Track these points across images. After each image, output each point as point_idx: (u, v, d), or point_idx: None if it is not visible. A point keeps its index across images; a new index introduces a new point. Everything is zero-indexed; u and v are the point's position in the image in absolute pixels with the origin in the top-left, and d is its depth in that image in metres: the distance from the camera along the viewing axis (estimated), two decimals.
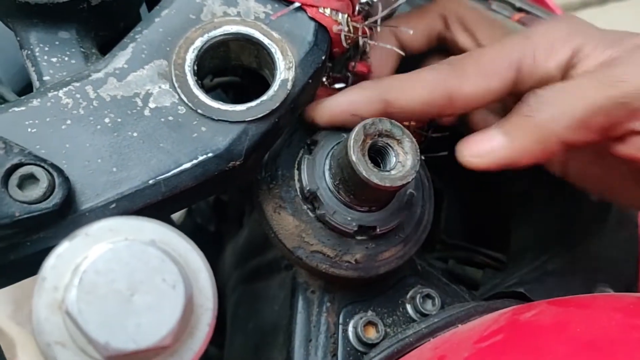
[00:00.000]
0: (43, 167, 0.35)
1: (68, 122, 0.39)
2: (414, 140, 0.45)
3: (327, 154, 0.48)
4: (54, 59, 0.42)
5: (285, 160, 0.49)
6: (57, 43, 0.43)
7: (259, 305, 0.61)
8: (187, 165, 0.40)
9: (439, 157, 0.58)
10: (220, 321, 0.33)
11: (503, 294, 0.56)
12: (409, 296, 0.52)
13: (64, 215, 0.37)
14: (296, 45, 0.44)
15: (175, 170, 0.40)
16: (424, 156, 0.54)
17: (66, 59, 0.43)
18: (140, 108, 0.41)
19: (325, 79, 0.53)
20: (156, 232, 0.31)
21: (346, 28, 0.45)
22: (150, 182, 0.39)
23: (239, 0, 0.44)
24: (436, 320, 0.49)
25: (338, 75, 0.53)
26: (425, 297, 0.52)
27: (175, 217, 0.89)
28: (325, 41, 0.45)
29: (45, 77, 0.42)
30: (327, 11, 0.44)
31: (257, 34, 0.43)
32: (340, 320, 0.50)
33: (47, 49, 0.43)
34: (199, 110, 0.41)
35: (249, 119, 0.41)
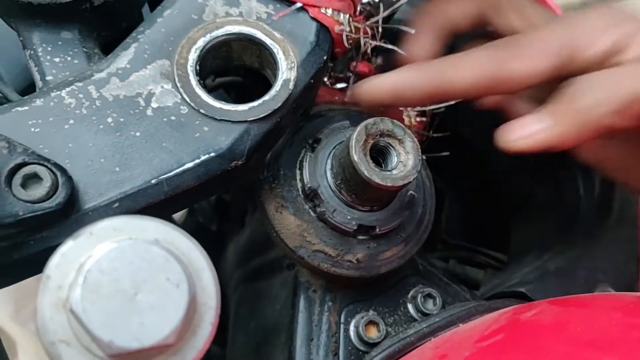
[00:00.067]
0: (46, 166, 0.36)
1: (71, 121, 0.39)
2: (415, 140, 0.45)
3: (329, 153, 0.48)
4: (56, 59, 0.43)
5: (287, 160, 0.49)
6: (59, 43, 0.43)
7: (260, 305, 0.61)
8: (190, 164, 0.40)
9: (440, 157, 0.58)
10: (222, 320, 0.33)
11: (504, 294, 0.56)
12: (410, 296, 0.53)
13: (67, 215, 0.37)
14: (298, 45, 0.44)
15: (177, 170, 0.40)
16: (425, 156, 0.54)
17: (69, 59, 0.43)
18: (142, 108, 0.41)
19: (327, 79, 0.54)
20: (160, 231, 0.31)
21: (348, 28, 0.46)
22: (152, 181, 0.39)
23: (241, 1, 0.44)
24: (437, 319, 0.49)
25: (340, 75, 0.53)
26: (427, 297, 0.52)
27: (177, 217, 0.89)
28: (327, 41, 0.45)
29: (48, 77, 0.42)
30: (329, 11, 0.44)
31: (259, 34, 0.43)
32: (342, 319, 0.50)
33: (49, 49, 0.43)
34: (202, 110, 0.41)
35: (251, 118, 0.42)
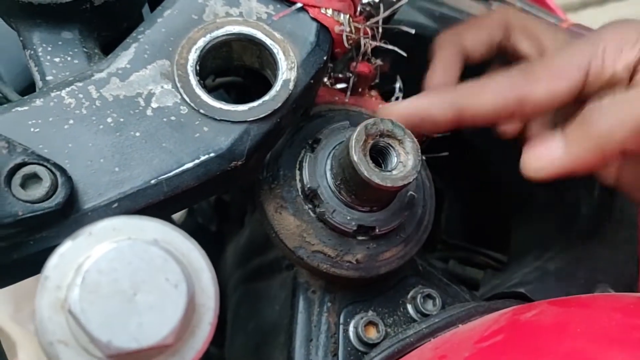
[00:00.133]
0: (46, 166, 0.36)
1: (71, 121, 0.39)
2: (415, 140, 0.45)
3: (329, 154, 0.48)
4: (56, 59, 0.43)
5: (287, 160, 0.49)
6: (60, 43, 0.43)
7: (260, 305, 0.61)
8: (189, 165, 0.40)
9: (440, 158, 0.58)
10: (221, 320, 0.33)
11: (504, 294, 0.56)
12: (409, 296, 0.53)
13: (67, 215, 0.37)
14: (298, 45, 0.44)
15: (177, 170, 0.40)
16: (425, 156, 0.54)
17: (69, 59, 0.43)
18: (142, 108, 0.41)
19: (327, 79, 0.54)
20: (159, 232, 0.31)
21: (348, 29, 0.46)
22: (152, 181, 0.39)
23: (241, 1, 0.44)
24: (437, 320, 0.49)
25: (340, 76, 0.53)
26: (426, 297, 0.52)
27: (176, 217, 0.89)
28: (327, 42, 0.45)
29: (48, 77, 0.42)
30: (329, 12, 0.44)
31: (259, 35, 0.43)
32: (341, 320, 0.50)
33: (50, 49, 0.43)
34: (201, 110, 0.41)
35: (251, 119, 0.41)
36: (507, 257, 0.72)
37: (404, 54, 0.53)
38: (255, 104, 0.42)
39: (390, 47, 0.51)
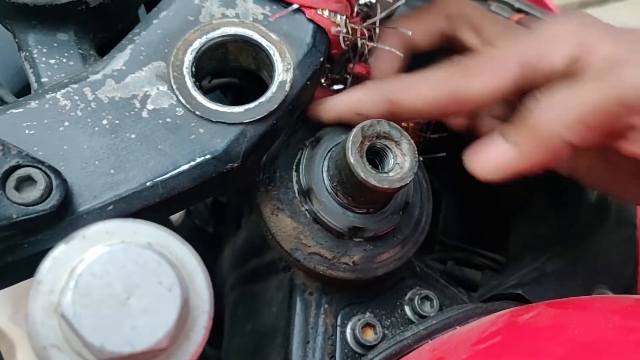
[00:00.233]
0: (40, 169, 0.35)
1: (66, 123, 0.39)
2: (412, 141, 0.45)
3: (326, 155, 0.48)
4: (52, 61, 0.42)
5: (284, 162, 0.49)
6: (55, 45, 0.43)
7: (257, 307, 0.60)
8: (185, 167, 0.40)
9: (437, 158, 0.58)
10: (218, 322, 0.33)
11: (501, 296, 0.56)
12: (407, 298, 0.52)
13: (62, 217, 0.37)
14: (294, 46, 0.44)
15: (173, 172, 0.40)
16: (422, 157, 0.54)
17: (64, 60, 0.43)
18: (138, 110, 0.40)
19: (324, 81, 0.53)
20: (152, 235, 0.31)
21: (344, 30, 0.45)
22: (147, 184, 0.39)
23: (238, 2, 0.44)
24: (434, 322, 0.49)
25: (336, 77, 0.53)
26: (424, 299, 0.52)
27: (174, 219, 0.89)
28: (324, 43, 0.45)
29: (44, 79, 0.42)
30: (326, 13, 0.44)
31: (255, 36, 0.43)
32: (338, 322, 0.50)
33: (45, 50, 0.42)
34: (197, 112, 0.41)
35: (247, 120, 0.41)
36: (505, 258, 0.72)
37: (401, 55, 0.53)
38: (251, 105, 0.42)
39: (387, 48, 0.51)
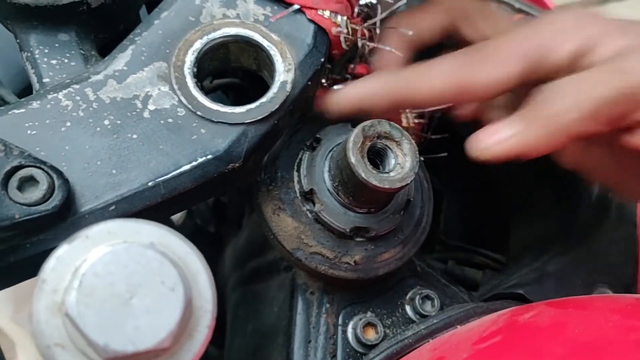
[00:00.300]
0: (43, 169, 0.36)
1: (68, 124, 0.39)
2: (412, 141, 0.45)
3: (327, 155, 0.48)
4: (53, 61, 0.42)
5: (285, 162, 0.49)
6: (56, 45, 0.43)
7: (258, 307, 0.61)
8: (187, 167, 0.40)
9: (438, 158, 0.58)
10: (220, 321, 0.33)
11: (502, 295, 0.56)
12: (408, 297, 0.53)
13: (64, 218, 0.37)
14: (295, 47, 0.44)
15: (174, 172, 0.40)
16: (423, 157, 0.54)
17: (66, 61, 0.43)
18: (139, 110, 0.41)
19: (325, 81, 0.53)
20: (155, 235, 0.31)
21: (345, 30, 0.45)
22: (149, 184, 0.39)
23: (238, 2, 0.44)
24: (435, 321, 0.49)
25: (337, 77, 0.53)
26: (425, 298, 0.52)
27: (175, 219, 0.89)
28: (325, 43, 0.45)
29: (45, 79, 0.42)
30: (327, 13, 0.44)
31: (256, 36, 0.43)
32: (340, 321, 0.50)
33: (46, 51, 0.43)
34: (199, 112, 0.41)
35: (248, 120, 0.41)
36: (506, 258, 0.72)
37: (401, 55, 0.53)
38: (252, 105, 0.42)
39: (387, 48, 0.51)
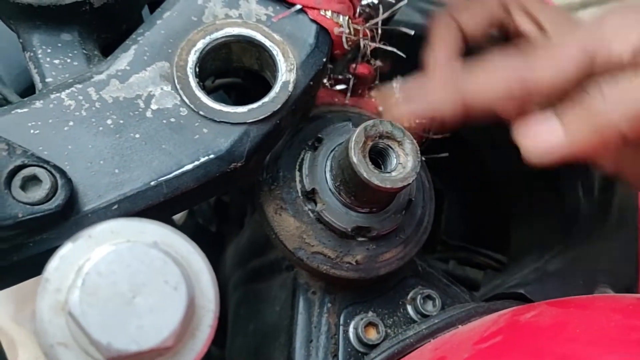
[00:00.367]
0: (46, 168, 0.36)
1: (70, 123, 0.39)
2: (414, 141, 0.45)
3: (328, 155, 0.48)
4: (56, 61, 0.43)
5: (287, 161, 0.49)
6: (59, 45, 0.43)
7: (260, 306, 0.61)
8: (189, 166, 0.40)
9: (439, 159, 0.58)
10: (222, 321, 0.33)
11: (503, 295, 0.56)
12: (409, 297, 0.53)
13: (67, 217, 0.37)
14: (297, 47, 0.44)
15: (177, 172, 0.40)
16: (424, 157, 0.54)
17: (69, 60, 0.43)
18: (142, 110, 0.41)
19: (327, 81, 0.54)
20: (158, 234, 0.31)
21: (347, 30, 0.46)
22: (152, 183, 0.39)
23: (241, 2, 0.44)
24: (436, 321, 0.49)
25: (339, 77, 0.53)
26: (426, 298, 0.52)
27: (177, 218, 0.89)
28: (327, 43, 0.45)
29: (48, 79, 0.42)
30: (329, 13, 0.44)
31: (258, 36, 0.43)
32: (341, 321, 0.50)
33: (49, 50, 0.43)
34: (201, 112, 0.41)
35: (251, 120, 0.42)
36: (507, 258, 0.72)
37: (404, 55, 0.53)
38: (254, 105, 0.42)
39: (389, 48, 0.51)
